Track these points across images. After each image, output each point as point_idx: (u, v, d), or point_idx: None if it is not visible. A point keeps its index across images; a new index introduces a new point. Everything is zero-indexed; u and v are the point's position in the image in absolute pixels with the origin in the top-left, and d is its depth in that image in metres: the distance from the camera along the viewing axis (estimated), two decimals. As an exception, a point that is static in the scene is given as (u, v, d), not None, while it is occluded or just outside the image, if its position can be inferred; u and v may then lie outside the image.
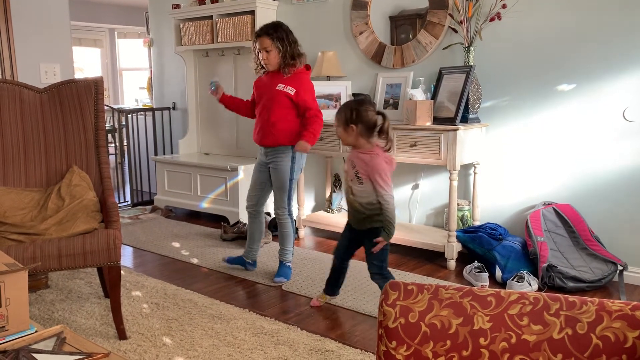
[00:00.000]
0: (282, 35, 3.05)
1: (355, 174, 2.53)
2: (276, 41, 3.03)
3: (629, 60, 3.05)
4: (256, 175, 3.29)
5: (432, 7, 3.68)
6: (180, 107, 5.56)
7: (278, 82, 3.09)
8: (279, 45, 3.03)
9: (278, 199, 3.23)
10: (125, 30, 10.04)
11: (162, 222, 4.69)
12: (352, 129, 2.51)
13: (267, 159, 3.20)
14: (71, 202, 2.57)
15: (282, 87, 3.07)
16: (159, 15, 5.53)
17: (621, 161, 3.13)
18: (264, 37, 3.04)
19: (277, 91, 3.07)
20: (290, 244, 3.29)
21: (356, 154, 2.56)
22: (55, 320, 2.68)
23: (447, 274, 3.35)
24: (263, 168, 3.25)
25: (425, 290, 1.25)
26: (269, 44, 3.03)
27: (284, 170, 3.16)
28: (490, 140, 3.58)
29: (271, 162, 3.19)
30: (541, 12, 3.30)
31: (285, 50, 3.04)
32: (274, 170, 3.18)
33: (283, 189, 3.19)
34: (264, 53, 3.06)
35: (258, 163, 3.29)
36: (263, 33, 3.05)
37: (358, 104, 2.55)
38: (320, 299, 2.90)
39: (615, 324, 1.12)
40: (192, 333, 2.54)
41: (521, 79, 3.42)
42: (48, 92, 2.87)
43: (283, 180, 3.17)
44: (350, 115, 2.50)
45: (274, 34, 3.03)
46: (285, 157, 3.15)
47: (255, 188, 3.30)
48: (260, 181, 3.28)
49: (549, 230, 3.21)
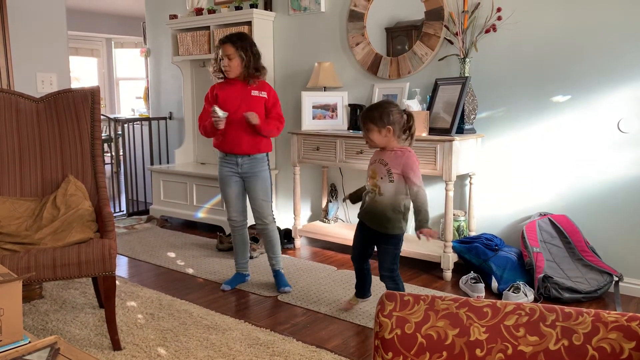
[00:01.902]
0: (245, 45, 3.09)
1: (388, 172, 2.58)
2: (239, 50, 3.06)
3: (624, 72, 3.07)
4: (232, 188, 3.20)
5: (427, 19, 3.70)
6: (176, 117, 5.56)
7: (250, 88, 3.12)
8: (241, 54, 3.06)
9: (265, 208, 3.19)
10: (122, 40, 10.07)
11: (157, 232, 4.68)
12: (388, 130, 2.58)
13: (242, 169, 3.15)
14: (66, 212, 2.56)
15: (256, 92, 3.12)
16: (156, 25, 5.55)
17: (616, 172, 3.15)
18: (228, 45, 3.07)
19: (253, 97, 3.10)
20: (279, 250, 3.31)
21: (387, 153, 2.62)
22: (49, 331, 2.66)
23: (443, 285, 3.34)
24: (237, 178, 3.18)
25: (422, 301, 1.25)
26: (232, 52, 3.06)
27: (265, 177, 3.18)
28: (486, 151, 3.60)
29: (248, 171, 3.15)
30: (536, 24, 3.33)
31: (248, 59, 3.08)
32: (256, 178, 3.15)
33: (268, 198, 3.19)
34: (225, 60, 3.07)
35: (229, 174, 3.18)
36: (227, 40, 3.09)
37: (390, 106, 2.62)
38: (351, 302, 2.93)
39: (611, 335, 1.12)
40: (187, 344, 2.52)
41: (516, 90, 3.44)
42: (44, 101, 2.87)
43: (266, 189, 3.18)
44: (388, 117, 2.57)
45: (238, 42, 3.07)
46: (264, 164, 3.19)
47: (237, 200, 3.23)
48: (237, 192, 3.22)
49: (545, 241, 3.21)
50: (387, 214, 2.60)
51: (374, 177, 2.64)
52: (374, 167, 2.65)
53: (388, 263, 2.67)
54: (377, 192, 2.61)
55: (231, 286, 3.31)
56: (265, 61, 4.48)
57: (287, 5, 4.46)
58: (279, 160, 4.72)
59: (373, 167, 2.65)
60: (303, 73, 4.43)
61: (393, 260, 2.67)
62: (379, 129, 2.58)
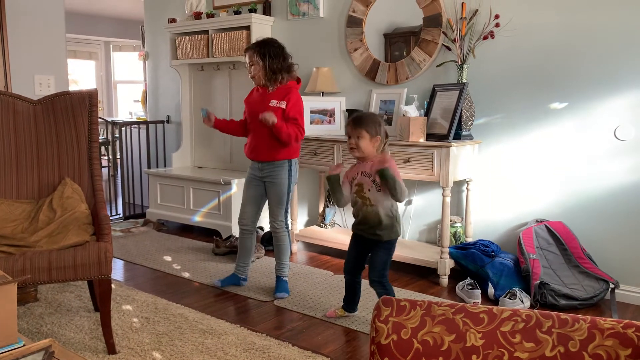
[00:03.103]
0: (264, 51, 3.08)
1: (373, 182, 2.61)
2: (257, 55, 3.08)
3: (621, 80, 3.09)
4: (251, 191, 3.26)
5: (426, 25, 3.72)
6: (174, 121, 5.56)
7: (270, 98, 3.11)
8: (258, 60, 3.08)
9: (276, 212, 3.21)
10: (120, 43, 10.07)
11: (154, 235, 4.67)
12: (376, 140, 2.62)
13: (262, 173, 3.19)
14: (63, 214, 2.55)
15: (275, 103, 3.09)
16: (154, 28, 5.56)
17: (613, 179, 3.15)
18: (248, 51, 3.12)
19: (271, 108, 3.08)
20: (288, 257, 3.28)
21: (367, 164, 2.64)
22: (44, 334, 2.65)
23: (439, 291, 3.34)
24: (258, 182, 3.23)
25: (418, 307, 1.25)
26: (252, 58, 3.09)
27: (282, 184, 3.16)
28: (483, 157, 3.60)
29: (267, 176, 3.18)
30: (534, 32, 3.35)
31: (265, 64, 3.07)
32: (272, 184, 3.17)
33: (281, 203, 3.19)
34: (249, 67, 3.11)
35: (251, 178, 3.26)
36: (249, 47, 3.13)
37: (380, 118, 2.70)
38: (337, 312, 2.92)
39: (607, 342, 1.12)
40: (182, 348, 2.51)
41: (514, 96, 3.46)
42: (42, 103, 2.87)
43: (281, 195, 3.17)
44: (379, 128, 2.63)
45: (257, 48, 3.10)
46: (283, 171, 3.16)
47: (251, 203, 3.27)
48: (256, 196, 3.26)
49: (541, 247, 3.22)
50: (383, 221, 2.63)
51: (361, 191, 2.65)
52: (359, 182, 2.66)
53: (380, 269, 2.68)
54: (368, 203, 2.64)
55: (222, 284, 3.33)
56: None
57: (286, 10, 4.47)
58: (276, 165, 4.71)
59: (358, 182, 2.66)
60: (301, 78, 4.42)
61: (384, 266, 2.69)
62: (370, 137, 2.61)
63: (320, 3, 4.24)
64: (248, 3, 4.62)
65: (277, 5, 4.54)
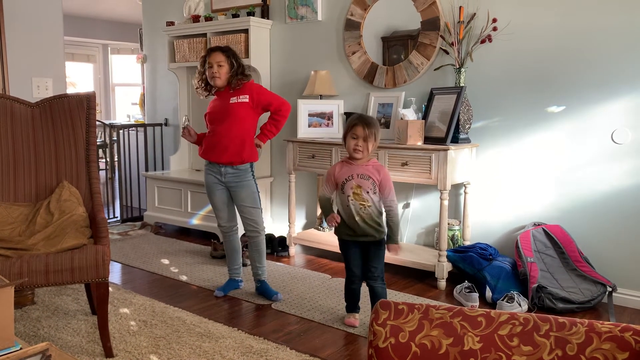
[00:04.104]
0: (235, 54, 3.17)
1: (372, 184, 2.64)
2: (231, 57, 3.13)
3: (619, 83, 3.10)
4: (219, 194, 3.21)
5: (423, 29, 3.72)
6: (172, 124, 5.56)
7: (229, 97, 3.14)
8: (232, 62, 3.12)
9: (255, 217, 3.20)
10: (118, 46, 10.07)
11: (151, 238, 4.66)
12: (374, 146, 2.67)
13: (225, 178, 3.16)
14: (60, 217, 2.55)
15: (235, 99, 3.12)
16: (152, 31, 5.56)
17: (610, 183, 3.16)
18: (217, 52, 3.13)
19: (232, 104, 3.11)
20: (265, 259, 3.30)
21: (361, 167, 2.66)
22: (41, 338, 2.64)
23: (437, 294, 3.34)
24: (221, 186, 3.20)
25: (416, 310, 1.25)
26: (223, 59, 3.11)
27: (250, 185, 3.18)
28: (480, 161, 3.61)
29: (232, 181, 3.16)
30: (531, 36, 3.36)
31: (237, 67, 3.13)
32: (240, 189, 3.16)
33: (256, 205, 3.20)
34: (215, 66, 3.10)
35: (213, 182, 3.20)
36: (217, 49, 3.16)
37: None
38: (357, 317, 2.89)
39: (605, 346, 1.12)
40: (179, 351, 2.51)
41: (511, 100, 3.46)
42: (39, 106, 2.87)
43: (254, 197, 3.19)
44: (379, 134, 2.68)
45: (228, 51, 3.15)
46: (248, 174, 3.19)
47: (224, 207, 3.25)
48: (223, 200, 3.24)
49: (539, 251, 3.22)
50: (378, 220, 2.68)
51: (359, 193, 2.65)
52: (358, 183, 2.65)
53: (382, 265, 2.76)
54: (367, 205, 2.65)
55: (224, 292, 3.30)
56: (262, 69, 4.53)
57: (284, 14, 4.48)
58: (274, 168, 4.72)
59: (357, 183, 2.66)
60: (299, 81, 4.44)
61: (382, 261, 2.77)
62: (374, 141, 2.65)
63: (318, 6, 4.25)
64: (246, 6, 4.63)
65: (275, 8, 4.55)
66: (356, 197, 2.65)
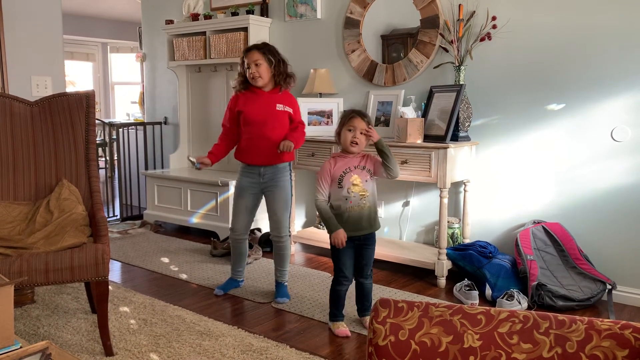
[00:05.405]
0: (272, 50, 3.09)
1: (368, 171, 2.67)
2: (267, 54, 3.05)
3: (618, 81, 3.10)
4: (247, 200, 3.16)
5: (423, 27, 3.72)
6: (171, 122, 5.56)
7: (275, 102, 3.08)
8: (270, 58, 3.05)
9: (283, 221, 3.13)
10: (118, 44, 10.06)
11: (151, 237, 4.66)
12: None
13: (263, 179, 3.11)
14: (60, 216, 2.55)
15: (281, 107, 3.07)
16: (152, 30, 5.55)
17: (610, 181, 3.16)
18: (253, 51, 3.06)
19: (278, 112, 3.07)
20: (288, 264, 3.25)
21: (355, 159, 2.69)
22: (41, 336, 2.64)
23: (437, 292, 3.34)
24: (255, 190, 3.15)
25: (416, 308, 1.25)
26: (259, 57, 3.03)
27: (286, 187, 3.13)
28: (480, 159, 3.61)
29: (270, 181, 3.11)
30: (531, 33, 3.35)
31: (276, 63, 3.06)
32: (277, 189, 3.11)
33: (287, 209, 3.14)
34: (253, 67, 3.03)
35: (248, 185, 3.14)
36: (253, 48, 3.08)
37: None
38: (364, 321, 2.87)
39: (605, 343, 1.12)
40: (179, 350, 2.51)
41: (511, 98, 3.46)
42: (39, 105, 2.86)
43: (287, 199, 3.13)
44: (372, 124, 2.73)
45: (264, 48, 3.08)
46: (286, 174, 3.15)
47: (244, 212, 3.19)
48: (251, 206, 3.19)
49: (539, 248, 3.22)
50: (375, 209, 2.72)
51: (358, 184, 2.65)
52: (356, 175, 2.66)
53: (372, 262, 2.77)
54: (365, 195, 2.66)
55: (224, 290, 3.29)
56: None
57: (284, 12, 4.48)
58: (273, 166, 4.71)
59: (355, 175, 2.65)
60: (299, 79, 4.41)
61: (373, 256, 2.78)
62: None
63: (317, 4, 4.25)
64: (245, 4, 4.63)
65: (274, 6, 4.55)
66: (356, 188, 2.65)
